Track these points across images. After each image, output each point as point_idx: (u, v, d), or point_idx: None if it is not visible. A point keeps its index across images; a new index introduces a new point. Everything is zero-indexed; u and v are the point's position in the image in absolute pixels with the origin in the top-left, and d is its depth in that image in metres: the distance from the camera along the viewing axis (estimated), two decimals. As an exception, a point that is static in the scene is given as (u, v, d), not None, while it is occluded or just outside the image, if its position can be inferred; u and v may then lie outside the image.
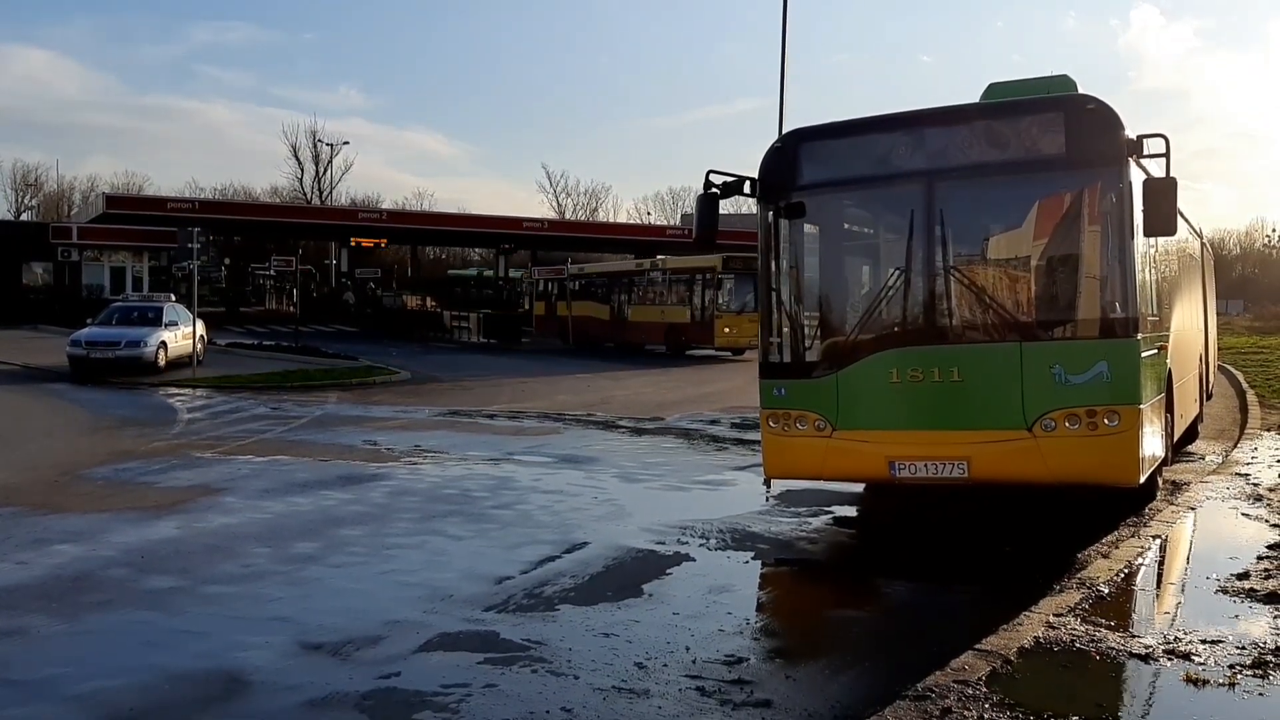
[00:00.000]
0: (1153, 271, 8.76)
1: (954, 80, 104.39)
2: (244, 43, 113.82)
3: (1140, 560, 6.74)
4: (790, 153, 8.46)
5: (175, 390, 21.08)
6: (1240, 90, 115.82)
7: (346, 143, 79.53)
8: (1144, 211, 7.36)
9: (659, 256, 37.71)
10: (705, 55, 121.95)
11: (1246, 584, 6.10)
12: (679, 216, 78.19)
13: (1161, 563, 6.91)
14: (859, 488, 9.63)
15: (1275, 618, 5.47)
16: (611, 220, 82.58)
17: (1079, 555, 7.08)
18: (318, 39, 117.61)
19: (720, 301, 31.41)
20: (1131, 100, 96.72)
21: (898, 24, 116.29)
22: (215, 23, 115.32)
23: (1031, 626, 5.24)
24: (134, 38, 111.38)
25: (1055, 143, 7.56)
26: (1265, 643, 5.03)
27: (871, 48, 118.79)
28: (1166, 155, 7.38)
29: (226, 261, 69.13)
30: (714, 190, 8.66)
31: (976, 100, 8.75)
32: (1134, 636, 5.18)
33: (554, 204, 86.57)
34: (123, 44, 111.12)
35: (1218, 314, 20.53)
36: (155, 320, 24.34)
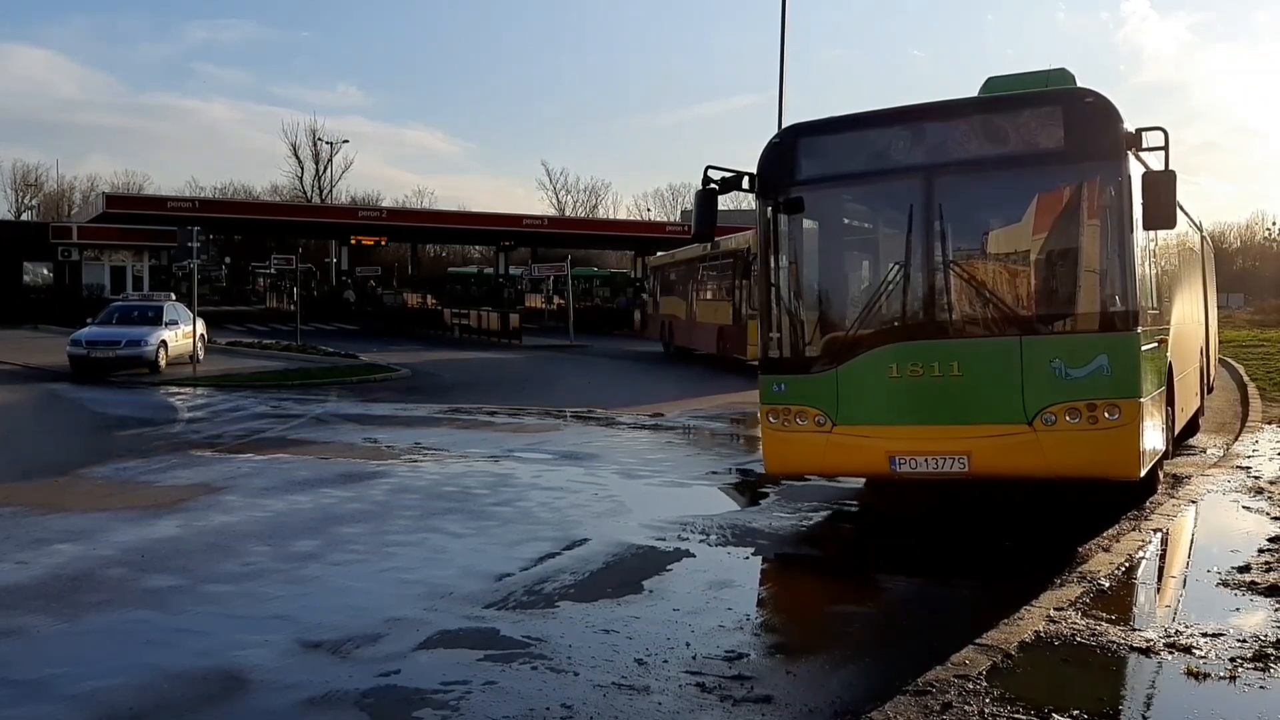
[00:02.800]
0: (1152, 265, 8.74)
1: (947, 75, 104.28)
2: (242, 41, 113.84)
3: (1141, 554, 6.73)
4: (788, 148, 8.45)
5: (176, 389, 21.07)
6: (1239, 84, 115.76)
7: (346, 141, 79.55)
8: (1143, 205, 7.35)
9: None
10: (702, 51, 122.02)
11: (1247, 577, 6.09)
12: (679, 213, 78.15)
13: (1162, 556, 6.90)
14: (859, 483, 9.62)
15: (1276, 610, 5.47)
16: (611, 217, 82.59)
17: (1080, 549, 7.08)
18: (315, 37, 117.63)
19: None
20: (1129, 95, 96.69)
21: (890, 19, 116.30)
22: (212, 21, 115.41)
23: (1032, 621, 5.24)
24: (131, 37, 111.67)
25: (1054, 136, 7.55)
26: (1266, 635, 5.02)
27: (865, 43, 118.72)
28: (1165, 148, 7.36)
29: (227, 260, 69.24)
30: (713, 186, 8.64)
31: (973, 95, 8.74)
32: (1135, 630, 5.17)
33: (554, 201, 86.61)
34: (120, 43, 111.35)
35: (1218, 307, 20.51)
36: (155, 319, 24.32)
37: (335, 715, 4.65)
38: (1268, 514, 7.89)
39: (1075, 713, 4.10)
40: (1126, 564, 6.43)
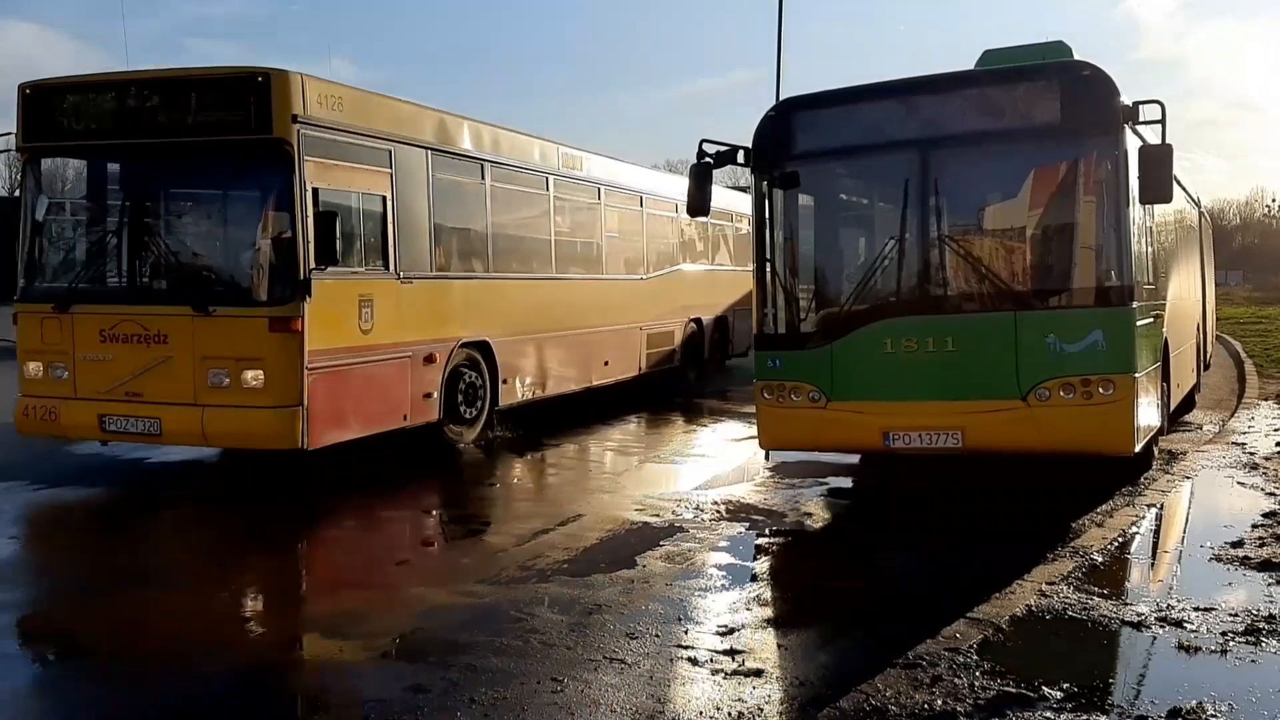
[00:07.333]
0: (1149, 240, 8.70)
1: (943, 50, 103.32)
2: (231, 15, 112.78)
3: (1134, 529, 6.73)
4: (784, 121, 8.37)
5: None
6: (1238, 60, 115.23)
7: (342, 118, 78.79)
8: (1140, 179, 7.30)
9: None
10: (700, 27, 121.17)
11: (1241, 552, 6.09)
12: (676, 190, 77.66)
13: (1156, 531, 6.90)
14: (854, 459, 9.61)
15: (1268, 585, 5.47)
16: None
17: (1073, 524, 7.07)
18: (305, 9, 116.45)
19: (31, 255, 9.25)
20: (1126, 70, 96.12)
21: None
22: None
23: (1024, 595, 5.24)
24: (121, 11, 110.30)
25: (1050, 110, 7.48)
26: (1258, 610, 5.02)
27: (860, 18, 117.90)
28: (1162, 122, 7.30)
29: (223, 237, 68.87)
30: (707, 160, 8.57)
31: (970, 68, 8.67)
32: (1127, 604, 5.17)
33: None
34: (110, 17, 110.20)
35: (1217, 284, 20.50)
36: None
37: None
38: (1262, 490, 7.89)
39: (1065, 685, 4.09)
40: (1120, 539, 6.43)
